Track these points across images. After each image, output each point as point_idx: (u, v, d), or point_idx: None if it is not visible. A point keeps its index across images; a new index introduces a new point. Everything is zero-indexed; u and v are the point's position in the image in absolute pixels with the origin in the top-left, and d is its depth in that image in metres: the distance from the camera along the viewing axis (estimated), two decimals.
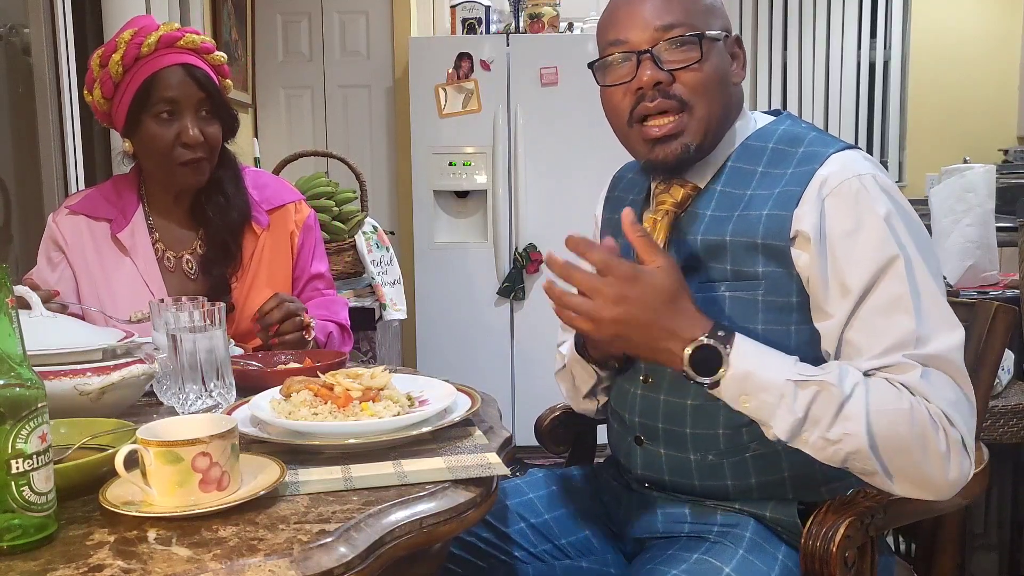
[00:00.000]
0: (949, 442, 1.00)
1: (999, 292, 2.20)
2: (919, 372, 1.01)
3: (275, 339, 1.51)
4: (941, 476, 1.00)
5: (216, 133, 1.60)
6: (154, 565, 0.76)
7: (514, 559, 1.27)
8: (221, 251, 1.64)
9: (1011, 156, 4.35)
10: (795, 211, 1.07)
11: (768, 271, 1.09)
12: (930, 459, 0.99)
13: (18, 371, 0.81)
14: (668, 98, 1.13)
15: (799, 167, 1.11)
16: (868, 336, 1.04)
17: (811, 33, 4.67)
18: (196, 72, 1.56)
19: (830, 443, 1.01)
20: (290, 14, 4.26)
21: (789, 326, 1.09)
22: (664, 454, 1.18)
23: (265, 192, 1.73)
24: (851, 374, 1.02)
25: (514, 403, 3.85)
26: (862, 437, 0.99)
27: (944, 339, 1.03)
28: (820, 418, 1.00)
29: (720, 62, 1.15)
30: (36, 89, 2.51)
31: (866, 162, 1.10)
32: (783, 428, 1.02)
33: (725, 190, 1.16)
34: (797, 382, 1.01)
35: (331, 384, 1.12)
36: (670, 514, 1.19)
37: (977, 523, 2.11)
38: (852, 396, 1.00)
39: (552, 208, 3.76)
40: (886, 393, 1.00)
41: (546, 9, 3.87)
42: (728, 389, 1.03)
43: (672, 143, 1.14)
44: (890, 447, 1.00)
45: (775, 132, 1.18)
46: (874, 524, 1.06)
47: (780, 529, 1.14)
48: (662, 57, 1.12)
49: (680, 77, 1.13)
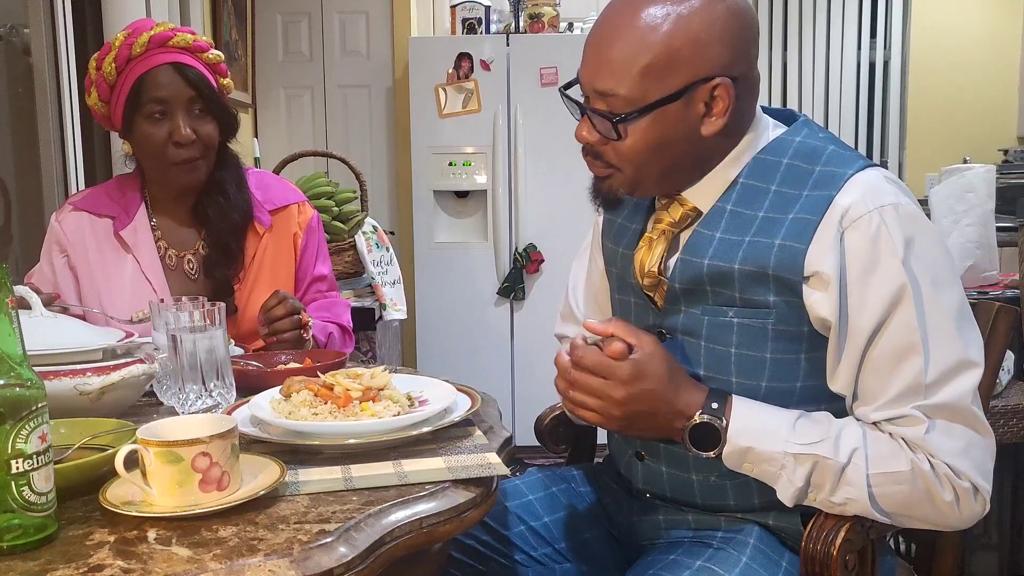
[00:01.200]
0: (957, 492, 1.01)
1: (999, 292, 2.20)
2: (924, 427, 1.00)
3: (272, 338, 1.51)
4: (954, 518, 1.03)
5: (210, 131, 1.59)
6: (154, 565, 0.76)
7: (514, 562, 1.26)
8: (223, 252, 1.64)
9: (1011, 156, 4.35)
10: (811, 246, 1.02)
11: (779, 300, 1.05)
12: (938, 509, 1.02)
13: (18, 371, 0.81)
14: (596, 157, 1.11)
15: (815, 190, 1.05)
16: (878, 382, 1.03)
17: (811, 33, 4.66)
18: (186, 71, 1.55)
19: (835, 505, 1.03)
20: (290, 14, 4.26)
21: (799, 355, 1.07)
22: (666, 472, 1.17)
23: (268, 192, 1.72)
24: (847, 439, 1.02)
25: (514, 403, 3.85)
26: (864, 501, 1.01)
27: (957, 384, 1.01)
28: (822, 485, 1.03)
29: (660, 128, 1.05)
30: (36, 89, 2.50)
31: (889, 186, 1.04)
32: (787, 496, 1.04)
33: (736, 210, 1.09)
34: (795, 456, 1.02)
35: (331, 384, 1.12)
36: (673, 520, 1.18)
37: (977, 523, 2.11)
38: (851, 463, 1.01)
39: (552, 208, 3.75)
40: (886, 455, 1.01)
41: (546, 9, 3.86)
42: (729, 460, 1.05)
43: (604, 184, 1.13)
44: (893, 505, 1.02)
45: (791, 145, 1.10)
46: (875, 528, 1.06)
47: (784, 536, 1.13)
48: (593, 120, 1.08)
49: (605, 145, 1.09)
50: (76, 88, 2.52)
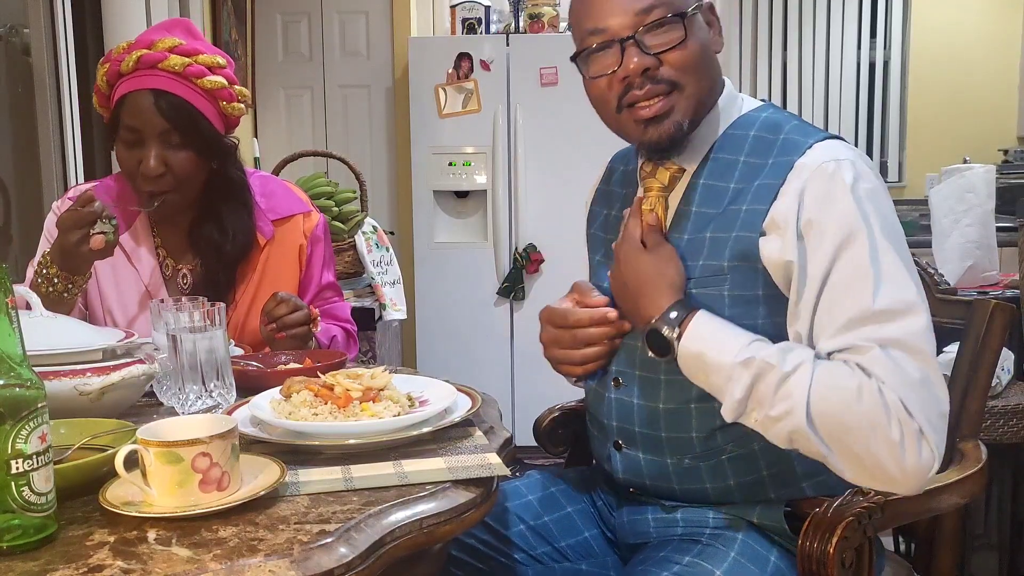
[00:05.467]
0: (904, 431, 0.97)
1: (999, 292, 2.20)
2: (876, 352, 0.99)
3: (281, 334, 1.48)
4: (895, 465, 0.98)
5: (184, 162, 1.50)
6: (154, 565, 0.76)
7: (514, 561, 1.27)
8: (213, 286, 1.59)
9: (1011, 156, 4.35)
10: (772, 205, 1.08)
11: (733, 265, 1.09)
12: (880, 446, 0.97)
13: (18, 371, 0.81)
14: (657, 83, 1.12)
15: (779, 157, 1.11)
16: (827, 312, 1.03)
17: (811, 33, 4.66)
18: (164, 100, 1.47)
19: (773, 421, 1.02)
20: (290, 14, 4.26)
21: (756, 320, 1.09)
22: (643, 458, 1.18)
23: (272, 201, 1.67)
24: (797, 352, 1.02)
25: (514, 403, 3.85)
26: (800, 414, 0.99)
27: (910, 322, 1.00)
28: (762, 398, 1.02)
29: (702, 36, 1.14)
30: (36, 89, 2.50)
31: (849, 150, 1.10)
32: (728, 408, 1.05)
33: (709, 183, 1.15)
34: (741, 362, 1.02)
35: (331, 384, 1.12)
36: (662, 519, 1.19)
37: (977, 523, 2.11)
38: (794, 373, 1.00)
39: (552, 208, 3.75)
40: (835, 373, 1.00)
41: (546, 9, 3.87)
42: (685, 368, 1.08)
43: (664, 123, 1.13)
44: (829, 426, 0.99)
45: (757, 119, 1.17)
46: (871, 524, 1.06)
47: (772, 533, 1.13)
48: (645, 41, 1.11)
49: (666, 59, 1.11)
50: (76, 88, 2.52)
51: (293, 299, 1.50)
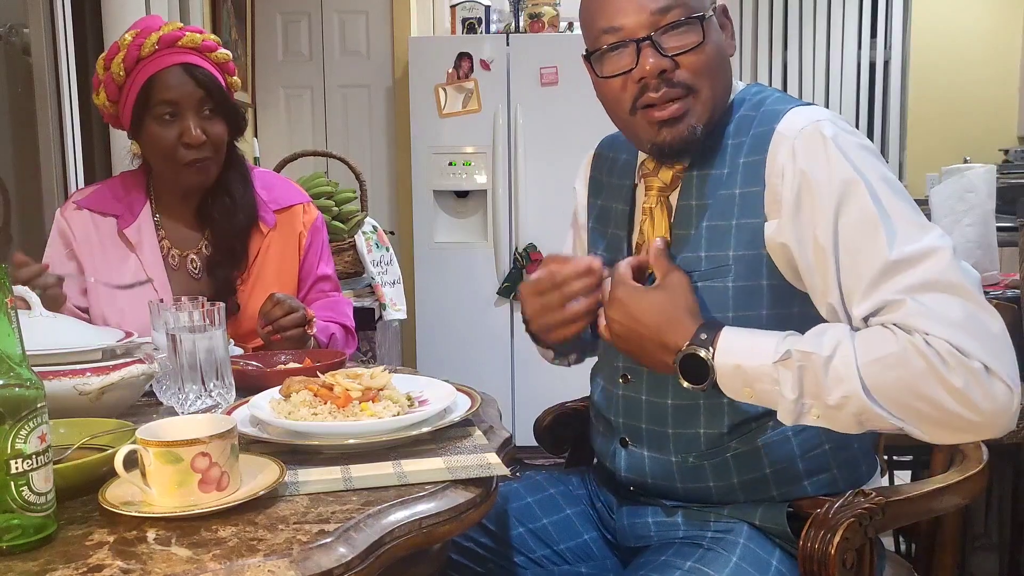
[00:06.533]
0: (967, 374, 0.92)
1: (999, 292, 2.20)
2: (910, 304, 0.95)
3: (277, 335, 1.51)
4: (971, 411, 0.92)
5: (220, 132, 1.59)
6: (154, 565, 0.76)
7: (513, 565, 1.26)
8: (227, 254, 1.64)
9: (1011, 156, 4.34)
10: (764, 184, 1.07)
11: (739, 255, 1.08)
12: (947, 398, 0.92)
13: (18, 371, 0.81)
14: (672, 86, 1.10)
15: (758, 128, 1.10)
16: (850, 274, 1.01)
17: (811, 33, 4.66)
18: (196, 71, 1.55)
19: (835, 410, 0.97)
20: (290, 14, 4.26)
21: (760, 311, 1.08)
22: (647, 456, 1.18)
23: (273, 192, 1.73)
24: (831, 334, 0.99)
25: (514, 403, 3.85)
26: (860, 396, 0.95)
27: (934, 262, 0.96)
28: (815, 391, 0.98)
29: (718, 39, 1.13)
30: (36, 89, 2.50)
31: (825, 111, 1.09)
32: (786, 415, 1.01)
33: (702, 173, 1.14)
34: (780, 360, 0.99)
35: (331, 384, 1.12)
36: (662, 523, 1.19)
37: (977, 523, 2.10)
38: (836, 355, 0.97)
39: (552, 208, 3.75)
40: (874, 341, 0.96)
41: (546, 9, 3.87)
42: (727, 388, 1.04)
43: (678, 125, 1.11)
44: (894, 394, 0.94)
45: (742, 103, 1.16)
46: (872, 525, 1.06)
47: (773, 535, 1.13)
48: (662, 43, 1.09)
49: (682, 61, 1.10)
50: (76, 88, 2.52)
51: (289, 300, 1.52)
